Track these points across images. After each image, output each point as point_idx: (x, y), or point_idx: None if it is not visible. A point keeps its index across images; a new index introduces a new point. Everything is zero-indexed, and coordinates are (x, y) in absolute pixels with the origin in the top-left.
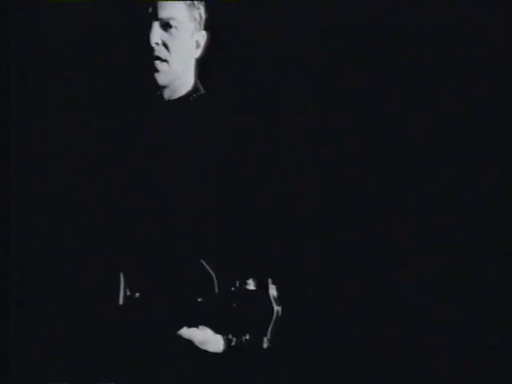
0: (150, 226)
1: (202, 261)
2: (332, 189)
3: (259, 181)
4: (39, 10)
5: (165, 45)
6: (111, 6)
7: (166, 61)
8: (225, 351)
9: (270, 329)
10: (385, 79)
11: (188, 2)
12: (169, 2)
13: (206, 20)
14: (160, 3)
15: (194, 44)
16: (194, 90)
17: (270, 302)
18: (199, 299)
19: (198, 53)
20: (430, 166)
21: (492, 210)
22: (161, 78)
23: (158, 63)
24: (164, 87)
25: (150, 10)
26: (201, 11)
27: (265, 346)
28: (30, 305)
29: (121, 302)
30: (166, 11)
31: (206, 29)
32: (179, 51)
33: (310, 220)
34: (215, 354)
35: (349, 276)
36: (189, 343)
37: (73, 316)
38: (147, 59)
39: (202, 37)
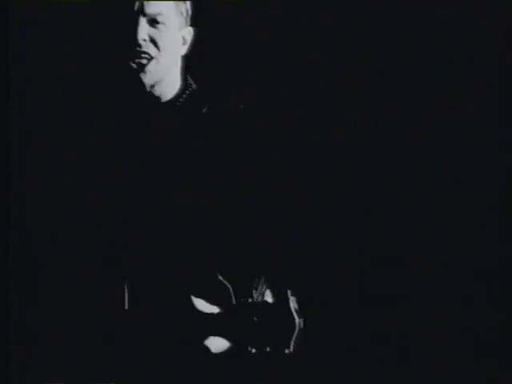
0: (151, 225)
1: (218, 274)
2: (332, 189)
3: (258, 181)
4: (39, 10)
5: (153, 41)
6: (111, 6)
7: (154, 58)
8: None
9: (292, 341)
10: (385, 79)
11: None
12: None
13: (192, 17)
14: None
15: (181, 40)
16: (185, 87)
17: (292, 314)
18: (217, 311)
19: (184, 49)
20: (430, 165)
21: (492, 210)
22: (148, 77)
23: (145, 60)
24: (153, 86)
25: (137, 6)
26: (187, 6)
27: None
28: (29, 305)
29: (126, 306)
30: (153, 7)
31: (192, 25)
32: (167, 47)
33: (311, 222)
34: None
35: (352, 278)
36: (189, 344)
37: (73, 316)
38: (134, 57)
39: (188, 33)
